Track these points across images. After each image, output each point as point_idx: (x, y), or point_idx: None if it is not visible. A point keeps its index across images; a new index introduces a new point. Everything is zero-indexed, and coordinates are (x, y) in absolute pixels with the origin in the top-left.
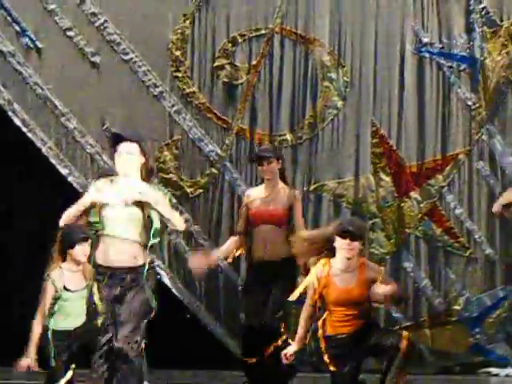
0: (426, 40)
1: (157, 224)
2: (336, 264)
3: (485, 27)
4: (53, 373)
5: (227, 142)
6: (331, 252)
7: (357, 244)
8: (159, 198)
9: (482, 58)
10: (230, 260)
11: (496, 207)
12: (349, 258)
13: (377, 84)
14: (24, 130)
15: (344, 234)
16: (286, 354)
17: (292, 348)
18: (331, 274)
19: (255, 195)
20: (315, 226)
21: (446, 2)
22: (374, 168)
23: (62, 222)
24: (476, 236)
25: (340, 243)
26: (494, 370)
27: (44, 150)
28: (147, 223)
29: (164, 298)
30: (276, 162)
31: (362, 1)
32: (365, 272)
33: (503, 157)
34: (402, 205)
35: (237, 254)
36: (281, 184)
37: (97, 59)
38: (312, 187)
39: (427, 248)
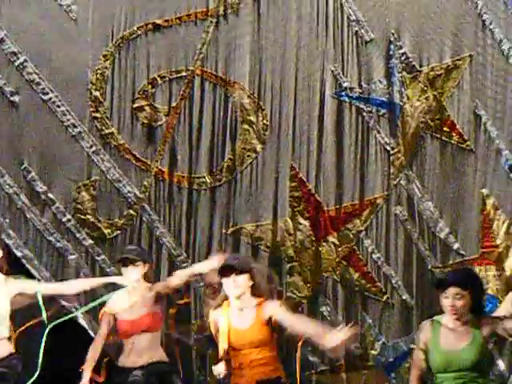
0: (345, 84)
1: None
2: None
3: (404, 72)
4: None
5: (145, 183)
6: None
7: (243, 278)
8: None
9: (401, 103)
10: None
11: None
12: (237, 296)
13: (296, 127)
14: None
15: (225, 271)
16: None
17: None
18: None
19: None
20: None
21: (366, 46)
22: (292, 212)
23: None
24: (393, 281)
25: (225, 283)
26: None
27: None
28: None
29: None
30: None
31: (283, 44)
32: (262, 310)
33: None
34: (320, 249)
35: None
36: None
37: (16, 98)
38: (230, 230)
39: (344, 292)
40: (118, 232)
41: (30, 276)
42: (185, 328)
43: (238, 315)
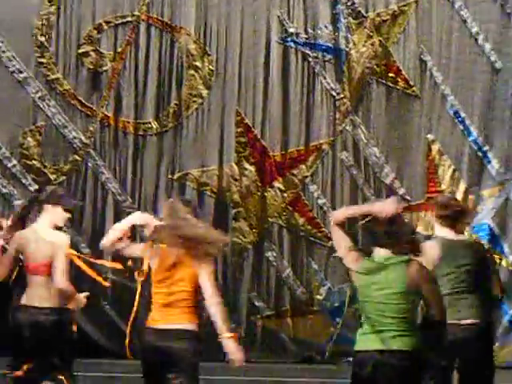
0: (291, 30)
1: None
2: None
3: (350, 18)
4: None
5: (91, 129)
6: None
7: None
8: None
9: (347, 49)
10: None
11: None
12: None
13: (242, 73)
14: None
15: None
16: None
17: None
18: None
19: None
20: None
21: None
22: (237, 157)
23: None
24: None
25: None
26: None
27: None
28: None
29: None
30: None
31: None
32: None
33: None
34: (266, 194)
35: None
36: None
37: None
38: (176, 176)
39: (290, 238)
40: (64, 177)
41: None
42: None
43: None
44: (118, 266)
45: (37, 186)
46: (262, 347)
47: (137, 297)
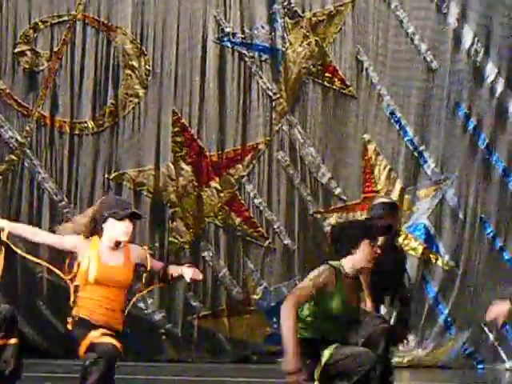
0: (228, 30)
1: None
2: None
3: (286, 18)
4: None
5: (27, 128)
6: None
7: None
8: None
9: (283, 49)
10: None
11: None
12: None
13: (178, 73)
14: None
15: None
16: None
17: None
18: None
19: None
20: None
21: None
22: (174, 157)
23: None
24: (275, 226)
25: (120, 226)
26: None
27: None
28: None
29: None
30: None
31: None
32: (130, 253)
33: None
34: (202, 194)
35: None
36: None
37: None
38: (112, 175)
39: (226, 237)
40: (0, 177)
41: None
42: None
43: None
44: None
45: None
46: (198, 347)
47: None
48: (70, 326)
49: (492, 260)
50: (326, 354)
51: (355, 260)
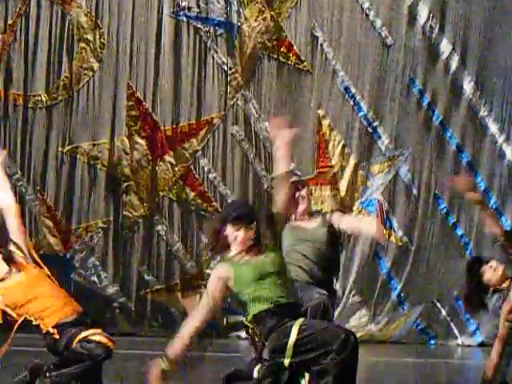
0: (183, 4)
1: None
2: None
3: None
4: None
5: None
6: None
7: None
8: None
9: (238, 24)
10: None
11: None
12: None
13: (133, 47)
14: None
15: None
16: None
17: None
18: None
19: None
20: (69, 189)
21: None
22: (129, 131)
23: None
24: (229, 200)
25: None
26: (243, 334)
27: None
28: None
29: None
30: None
31: None
32: None
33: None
34: (157, 168)
35: None
36: None
37: None
38: (66, 149)
39: (180, 212)
40: None
41: None
42: None
43: None
44: None
45: None
46: (151, 321)
47: None
48: None
49: (445, 236)
50: (294, 329)
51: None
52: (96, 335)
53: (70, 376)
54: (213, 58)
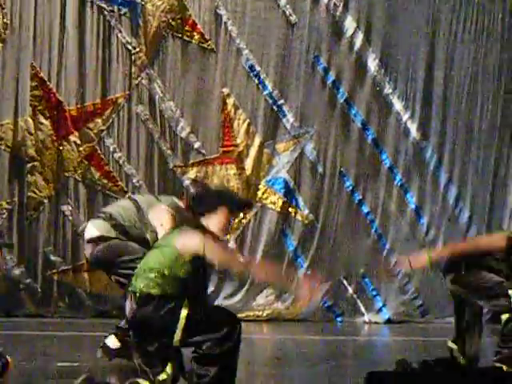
0: None
1: None
2: None
3: None
4: None
5: None
6: None
7: None
8: None
9: (142, 3)
10: None
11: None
12: None
13: (37, 26)
14: None
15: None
16: None
17: None
18: None
19: None
20: None
21: None
22: (33, 111)
23: None
24: (134, 180)
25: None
26: None
27: None
28: None
29: None
30: None
31: None
32: None
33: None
34: (61, 148)
35: None
36: None
37: None
38: None
39: (86, 192)
40: None
41: None
42: None
43: None
44: None
45: None
46: (58, 302)
47: None
48: None
49: (351, 213)
50: (183, 313)
51: (210, 224)
52: None
53: None
54: (117, 37)
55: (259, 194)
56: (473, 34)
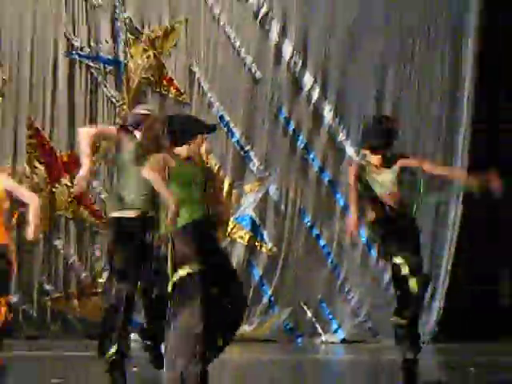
0: (76, 44)
1: None
2: None
3: (128, 34)
4: None
5: None
6: None
7: None
8: None
9: (125, 61)
10: None
11: None
12: None
13: (33, 82)
14: None
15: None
16: None
17: None
18: None
19: None
20: None
21: (95, 10)
22: (28, 157)
23: None
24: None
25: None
26: None
27: None
28: None
29: None
30: None
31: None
32: None
33: None
34: (54, 190)
35: None
36: None
37: None
38: None
39: (76, 228)
40: None
41: None
42: None
43: None
44: None
45: None
46: (51, 326)
47: None
48: None
49: (310, 246)
50: (180, 272)
51: (189, 150)
52: None
53: None
54: (103, 91)
55: (228, 229)
56: (416, 86)
